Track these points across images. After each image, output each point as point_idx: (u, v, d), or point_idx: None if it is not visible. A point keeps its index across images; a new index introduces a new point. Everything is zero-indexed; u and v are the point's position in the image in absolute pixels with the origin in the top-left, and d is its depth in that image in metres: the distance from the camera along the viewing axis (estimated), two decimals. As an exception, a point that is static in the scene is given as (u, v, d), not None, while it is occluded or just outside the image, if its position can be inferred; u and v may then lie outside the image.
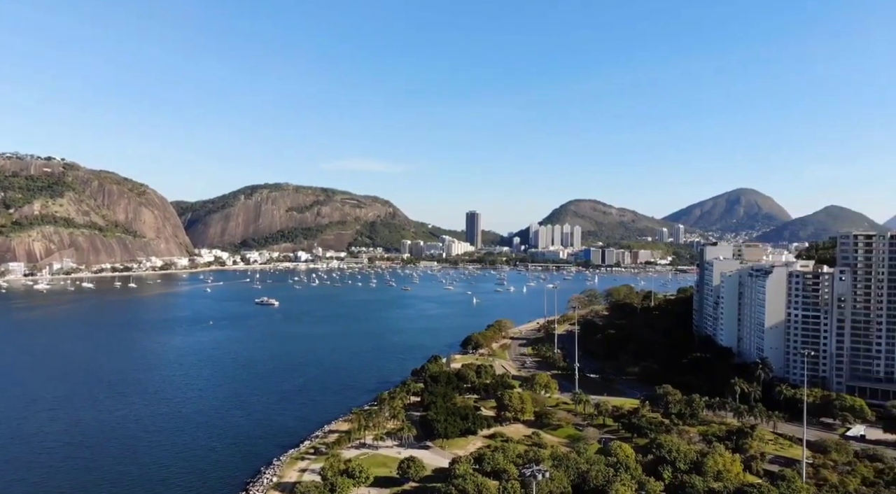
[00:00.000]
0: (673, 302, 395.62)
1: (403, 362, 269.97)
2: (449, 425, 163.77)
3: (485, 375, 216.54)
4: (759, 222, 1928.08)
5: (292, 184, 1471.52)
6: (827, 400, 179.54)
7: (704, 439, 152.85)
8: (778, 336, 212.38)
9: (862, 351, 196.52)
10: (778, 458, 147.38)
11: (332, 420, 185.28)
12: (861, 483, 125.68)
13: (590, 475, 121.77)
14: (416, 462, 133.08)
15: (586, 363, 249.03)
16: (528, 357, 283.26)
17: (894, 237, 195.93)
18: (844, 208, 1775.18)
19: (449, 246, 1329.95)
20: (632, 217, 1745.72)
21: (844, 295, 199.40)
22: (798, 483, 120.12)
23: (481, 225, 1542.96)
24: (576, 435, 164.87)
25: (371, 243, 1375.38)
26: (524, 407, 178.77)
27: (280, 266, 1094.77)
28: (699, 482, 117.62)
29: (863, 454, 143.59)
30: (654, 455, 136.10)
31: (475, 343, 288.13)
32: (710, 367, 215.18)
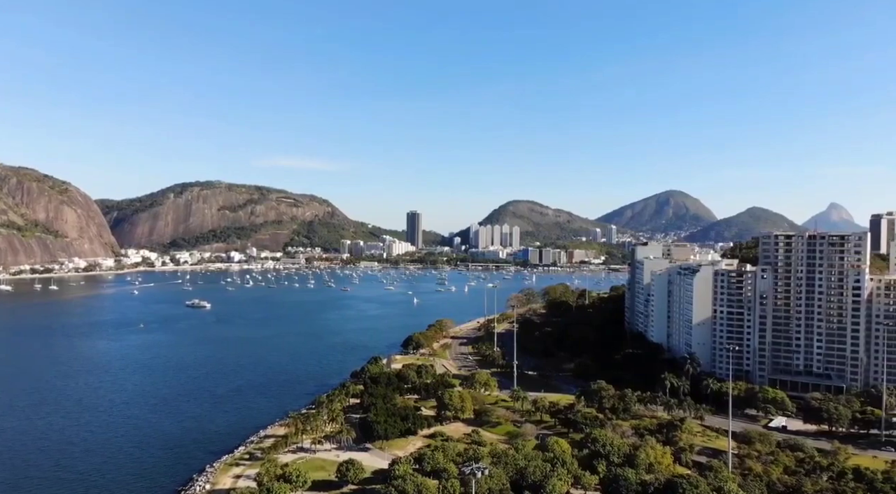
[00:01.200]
0: (606, 300, 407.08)
1: (343, 364, 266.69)
2: (389, 426, 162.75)
3: (426, 375, 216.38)
4: (687, 223, 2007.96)
5: (225, 182, 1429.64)
6: (751, 393, 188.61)
7: (637, 432, 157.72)
8: (705, 332, 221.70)
9: (783, 346, 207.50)
10: (706, 449, 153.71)
11: (268, 425, 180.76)
12: (783, 471, 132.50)
13: (528, 471, 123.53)
14: (355, 464, 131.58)
15: (525, 360, 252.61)
16: (469, 355, 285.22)
17: (812, 237, 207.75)
18: (766, 209, 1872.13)
19: (390, 246, 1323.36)
20: (567, 218, 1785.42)
21: (766, 292, 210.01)
22: (725, 473, 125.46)
23: (422, 225, 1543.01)
24: (514, 432, 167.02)
25: (309, 243, 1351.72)
26: (464, 406, 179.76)
27: (212, 267, 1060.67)
28: (632, 475, 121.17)
29: (784, 444, 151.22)
30: (589, 449, 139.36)
31: (416, 343, 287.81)
32: (642, 363, 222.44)
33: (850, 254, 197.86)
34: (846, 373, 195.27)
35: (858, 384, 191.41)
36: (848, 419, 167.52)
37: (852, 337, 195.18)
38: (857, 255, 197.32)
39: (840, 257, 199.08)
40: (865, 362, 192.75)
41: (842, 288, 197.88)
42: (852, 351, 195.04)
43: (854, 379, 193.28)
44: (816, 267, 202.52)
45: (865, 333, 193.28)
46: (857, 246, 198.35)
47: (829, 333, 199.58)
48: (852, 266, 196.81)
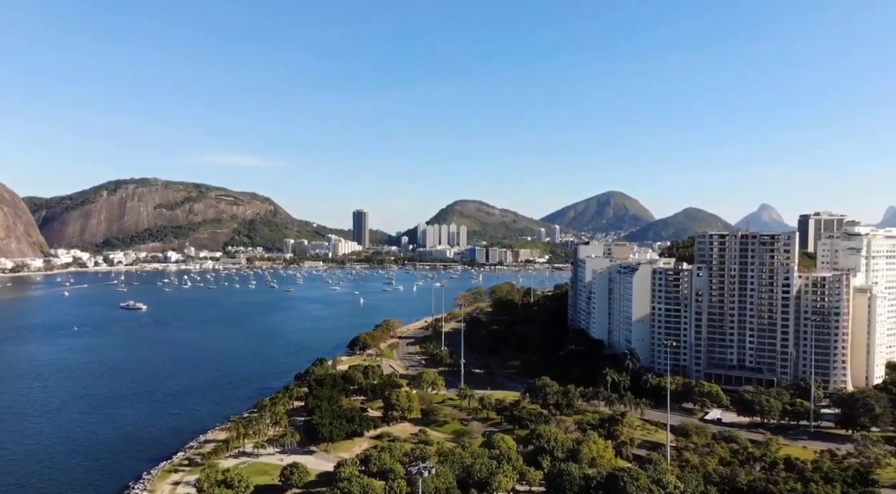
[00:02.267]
0: (550, 298, 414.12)
1: (286, 366, 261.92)
2: (334, 428, 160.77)
3: (372, 376, 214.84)
4: (627, 222, 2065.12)
5: (161, 180, 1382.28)
6: (688, 387, 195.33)
7: (580, 427, 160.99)
8: (644, 328, 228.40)
9: (717, 341, 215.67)
10: (646, 443, 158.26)
11: (208, 430, 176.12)
12: (718, 462, 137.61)
13: (474, 468, 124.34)
14: (299, 467, 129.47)
15: (472, 359, 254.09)
16: (417, 355, 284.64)
17: (744, 237, 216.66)
18: (701, 210, 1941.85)
19: (335, 245, 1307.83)
20: (513, 217, 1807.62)
21: (701, 289, 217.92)
22: (663, 465, 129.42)
23: (369, 224, 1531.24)
24: (461, 430, 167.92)
25: (250, 242, 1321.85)
26: (411, 406, 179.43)
27: (148, 267, 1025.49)
28: (575, 469, 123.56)
29: (720, 436, 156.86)
30: (534, 445, 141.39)
31: (363, 343, 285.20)
32: (584, 359, 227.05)
33: (780, 253, 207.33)
34: (777, 367, 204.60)
35: (788, 377, 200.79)
36: (779, 411, 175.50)
37: (782, 332, 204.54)
38: (786, 254, 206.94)
39: (770, 256, 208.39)
40: (794, 356, 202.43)
41: (772, 286, 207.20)
42: (782, 345, 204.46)
43: (784, 372, 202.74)
44: (748, 266, 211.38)
45: (794, 328, 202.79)
46: (787, 245, 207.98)
47: (760, 328, 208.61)
48: (782, 264, 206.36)
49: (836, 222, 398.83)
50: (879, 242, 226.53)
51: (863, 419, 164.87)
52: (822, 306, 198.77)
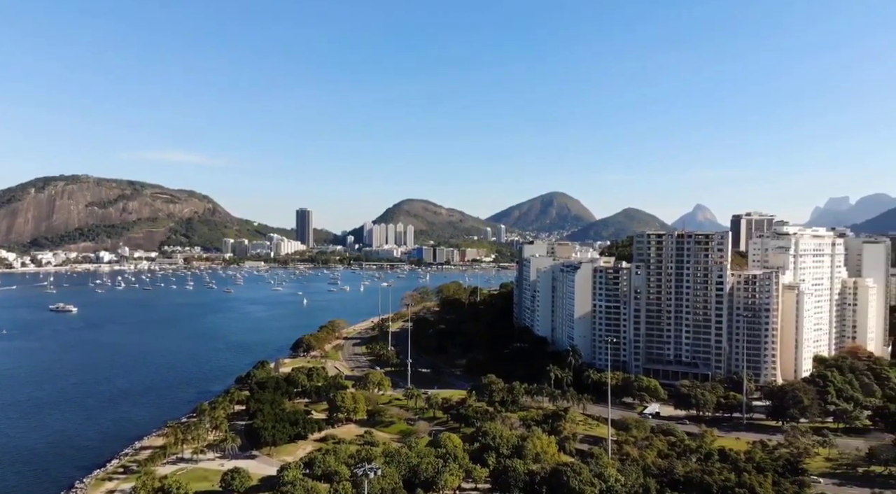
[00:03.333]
0: (496, 296, 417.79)
1: (227, 369, 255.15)
2: (277, 431, 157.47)
3: (316, 378, 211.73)
4: (569, 222, 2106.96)
5: (93, 177, 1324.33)
6: (627, 382, 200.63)
7: (524, 424, 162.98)
8: (586, 325, 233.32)
9: (655, 337, 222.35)
10: (588, 437, 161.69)
11: (144, 436, 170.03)
12: (657, 455, 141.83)
13: (420, 468, 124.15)
14: (240, 472, 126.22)
15: (419, 358, 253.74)
16: (363, 356, 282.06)
17: (680, 236, 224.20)
18: (640, 210, 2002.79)
19: (277, 244, 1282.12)
20: (460, 217, 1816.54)
21: (640, 287, 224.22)
22: (605, 459, 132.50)
23: (313, 223, 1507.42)
24: (408, 430, 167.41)
25: (188, 242, 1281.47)
26: (357, 407, 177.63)
27: (79, 268, 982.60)
28: (520, 465, 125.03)
29: (658, 429, 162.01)
30: (479, 442, 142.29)
31: (307, 345, 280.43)
32: (529, 356, 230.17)
33: (714, 252, 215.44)
34: (711, 362, 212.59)
35: (722, 371, 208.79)
36: (713, 404, 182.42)
37: (716, 328, 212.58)
38: (719, 253, 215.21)
39: (705, 254, 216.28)
40: (728, 351, 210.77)
41: (706, 283, 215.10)
42: (716, 341, 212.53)
43: (718, 366, 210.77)
44: (684, 264, 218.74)
45: (727, 324, 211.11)
46: (720, 244, 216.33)
47: (695, 325, 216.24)
48: (715, 262, 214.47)
49: (766, 222, 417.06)
50: (806, 241, 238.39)
51: (792, 410, 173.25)
52: (754, 303, 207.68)
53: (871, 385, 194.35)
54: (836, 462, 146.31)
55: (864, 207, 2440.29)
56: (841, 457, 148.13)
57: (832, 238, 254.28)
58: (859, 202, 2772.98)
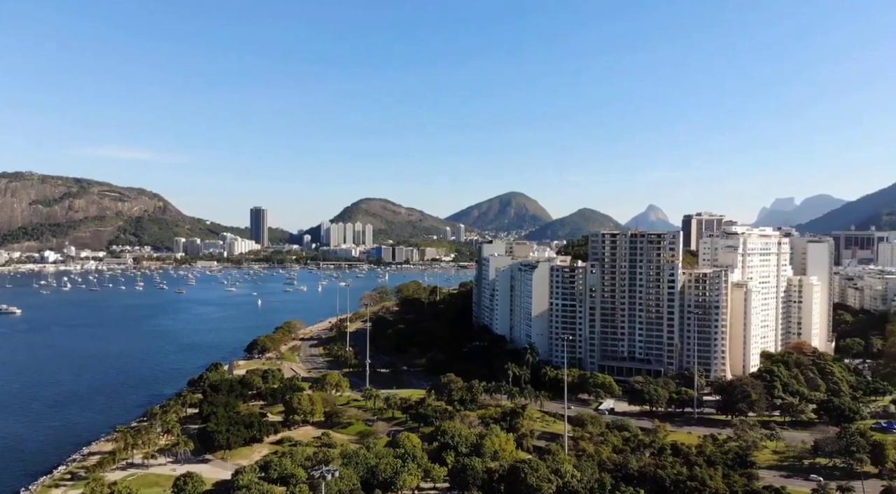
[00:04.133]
0: (456, 295, 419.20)
1: (179, 372, 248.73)
2: (231, 435, 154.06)
3: (272, 380, 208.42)
4: (527, 222, 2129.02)
5: (37, 174, 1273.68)
6: (583, 379, 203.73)
7: (483, 422, 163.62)
8: (543, 323, 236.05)
9: (610, 334, 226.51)
10: (545, 434, 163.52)
11: (93, 441, 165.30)
12: (612, 450, 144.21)
13: (379, 468, 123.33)
14: (193, 477, 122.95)
15: (378, 358, 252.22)
16: (320, 357, 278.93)
17: (633, 236, 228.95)
18: (595, 210, 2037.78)
19: (231, 244, 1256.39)
20: (419, 216, 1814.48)
21: (595, 285, 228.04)
22: (561, 455, 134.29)
23: (269, 221, 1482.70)
24: (366, 431, 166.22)
25: (137, 241, 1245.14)
26: (314, 409, 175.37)
27: (23, 268, 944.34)
28: (478, 463, 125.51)
29: (613, 425, 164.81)
30: (438, 441, 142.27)
31: (262, 346, 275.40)
32: (488, 354, 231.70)
33: (666, 251, 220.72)
34: (664, 358, 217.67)
35: (674, 367, 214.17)
36: (666, 399, 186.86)
37: (668, 325, 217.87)
38: (671, 252, 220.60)
39: (657, 253, 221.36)
40: (679, 347, 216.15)
41: (658, 282, 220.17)
42: (668, 337, 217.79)
43: (670, 362, 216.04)
44: (638, 263, 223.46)
45: (679, 321, 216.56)
46: (672, 243, 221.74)
47: (648, 322, 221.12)
48: (667, 261, 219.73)
49: (715, 222, 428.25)
50: (754, 241, 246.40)
51: (741, 405, 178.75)
52: (704, 300, 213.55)
53: (816, 379, 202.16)
54: (782, 455, 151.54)
55: (809, 208, 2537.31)
56: (787, 450, 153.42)
57: (778, 237, 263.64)
58: (804, 203, 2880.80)
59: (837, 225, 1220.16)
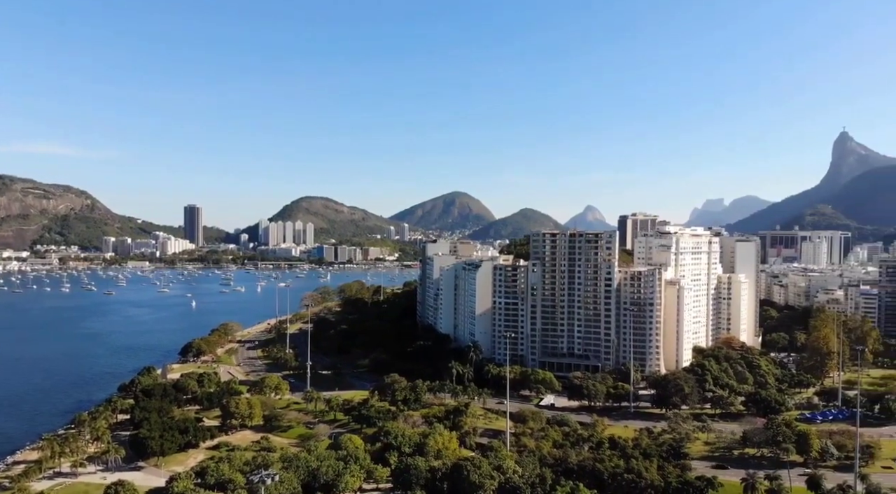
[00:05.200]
0: (400, 295, 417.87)
1: (109, 377, 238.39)
2: (165, 441, 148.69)
3: (208, 383, 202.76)
4: (471, 222, 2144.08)
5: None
6: (525, 376, 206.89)
7: (427, 421, 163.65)
8: (486, 321, 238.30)
9: (550, 331, 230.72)
10: (488, 431, 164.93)
11: (17, 450, 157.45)
12: (552, 445, 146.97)
13: (320, 471, 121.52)
14: (125, 485, 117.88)
15: (319, 360, 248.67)
16: (259, 359, 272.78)
17: (572, 235, 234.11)
18: (536, 210, 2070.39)
19: (164, 243, 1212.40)
20: (362, 215, 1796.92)
21: (536, 284, 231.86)
22: (503, 452, 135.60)
23: (203, 220, 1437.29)
24: (307, 434, 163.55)
25: (63, 241, 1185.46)
26: (252, 413, 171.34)
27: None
28: (422, 462, 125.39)
29: (553, 420, 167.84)
30: (381, 442, 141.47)
31: (197, 349, 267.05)
32: (432, 353, 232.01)
33: (603, 250, 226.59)
34: (601, 354, 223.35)
35: (611, 363, 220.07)
36: (603, 394, 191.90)
37: (605, 321, 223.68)
38: (608, 251, 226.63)
39: (595, 252, 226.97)
40: (616, 343, 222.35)
41: (596, 280, 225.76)
42: (605, 334, 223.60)
43: (608, 358, 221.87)
44: (576, 262, 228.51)
45: (616, 318, 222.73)
46: (608, 243, 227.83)
47: (587, 319, 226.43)
48: (604, 260, 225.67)
49: (650, 222, 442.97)
50: (686, 240, 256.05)
51: (674, 398, 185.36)
52: (639, 298, 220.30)
53: (744, 372, 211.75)
54: (713, 446, 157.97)
55: (737, 208, 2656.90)
56: (718, 441, 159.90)
57: (709, 237, 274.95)
58: (732, 203, 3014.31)
59: (763, 225, 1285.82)
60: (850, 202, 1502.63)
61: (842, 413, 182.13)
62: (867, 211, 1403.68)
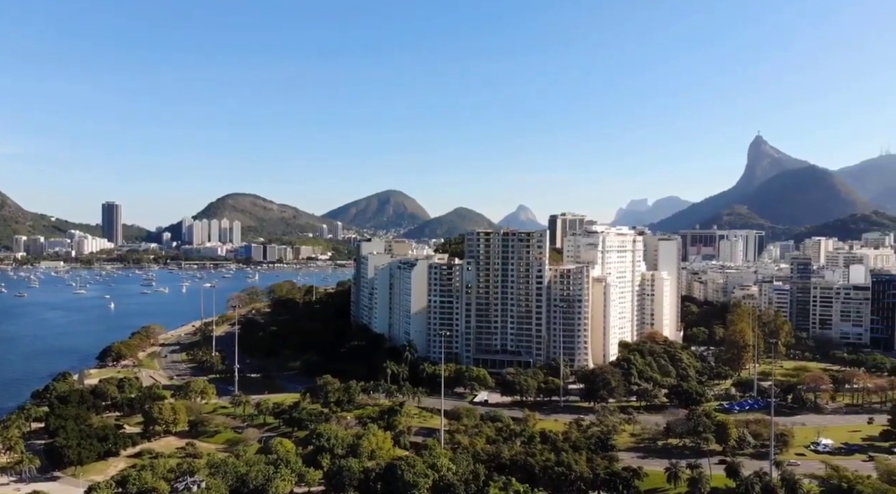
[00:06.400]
0: (333, 295, 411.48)
1: (20, 383, 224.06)
2: (83, 449, 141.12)
3: (129, 388, 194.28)
4: (406, 220, 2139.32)
5: None
6: (459, 373, 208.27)
7: (360, 422, 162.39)
8: (422, 320, 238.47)
9: (484, 329, 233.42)
10: (423, 429, 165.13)
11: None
12: (486, 441, 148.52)
13: (249, 476, 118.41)
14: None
15: (248, 363, 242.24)
16: (183, 363, 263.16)
17: (506, 234, 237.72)
18: (470, 210, 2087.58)
19: (80, 242, 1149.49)
20: (293, 213, 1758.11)
21: (470, 282, 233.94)
22: (438, 450, 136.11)
23: (123, 218, 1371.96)
24: (235, 439, 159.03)
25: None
26: (177, 418, 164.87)
27: None
28: (355, 464, 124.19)
29: (486, 416, 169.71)
30: (313, 445, 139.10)
31: (117, 353, 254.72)
32: (366, 353, 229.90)
33: (534, 249, 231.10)
34: (532, 350, 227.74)
35: (542, 358, 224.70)
36: (535, 389, 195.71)
37: (536, 318, 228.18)
38: (539, 249, 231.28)
39: (527, 251, 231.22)
40: (547, 339, 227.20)
41: (528, 277, 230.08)
42: (537, 330, 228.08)
43: (539, 354, 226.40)
44: (509, 260, 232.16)
45: (546, 315, 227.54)
46: (540, 241, 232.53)
47: (519, 316, 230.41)
48: (536, 258, 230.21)
49: (578, 222, 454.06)
50: (612, 239, 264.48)
51: (602, 392, 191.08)
52: (568, 294, 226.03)
53: (667, 366, 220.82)
54: (639, 437, 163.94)
55: (660, 208, 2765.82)
56: (643, 432, 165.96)
57: (633, 236, 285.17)
58: (655, 204, 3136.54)
59: (684, 224, 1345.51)
60: (764, 202, 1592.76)
61: (757, 403, 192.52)
62: (779, 211, 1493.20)
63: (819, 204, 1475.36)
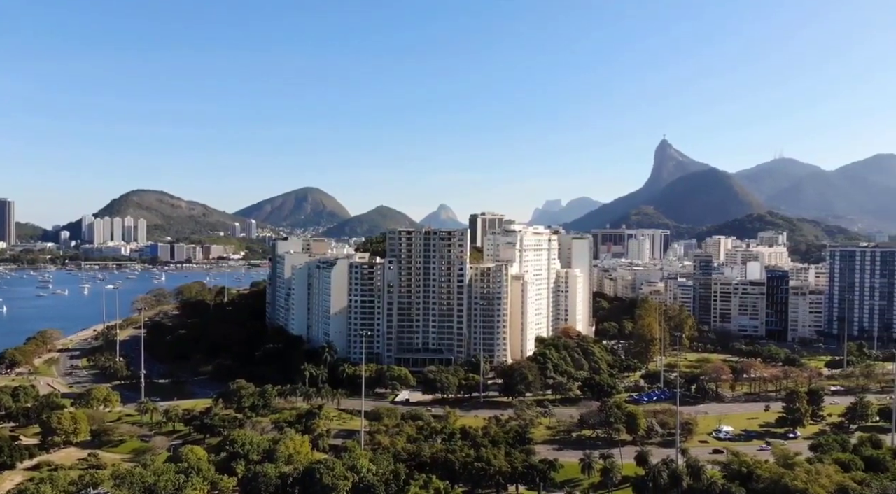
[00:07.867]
0: (247, 296, 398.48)
1: None
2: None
3: (24, 397, 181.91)
4: (325, 219, 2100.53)
5: None
6: (380, 373, 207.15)
7: (277, 426, 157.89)
8: (342, 320, 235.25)
9: (406, 328, 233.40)
10: (342, 431, 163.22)
11: None
12: (407, 440, 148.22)
13: (158, 486, 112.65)
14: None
15: (155, 368, 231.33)
16: (84, 369, 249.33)
17: (428, 233, 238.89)
18: (391, 208, 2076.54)
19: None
20: (202, 211, 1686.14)
21: (392, 281, 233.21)
22: (358, 451, 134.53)
23: (16, 216, 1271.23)
24: (142, 448, 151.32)
25: None
26: (77, 428, 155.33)
27: None
28: (271, 469, 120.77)
29: (407, 415, 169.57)
30: (227, 451, 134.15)
31: (10, 360, 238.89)
32: (283, 356, 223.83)
33: (456, 247, 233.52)
34: (454, 347, 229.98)
35: (463, 355, 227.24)
36: (456, 386, 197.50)
37: (458, 316, 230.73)
38: (460, 248, 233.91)
39: (448, 250, 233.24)
40: (467, 336, 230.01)
41: (449, 276, 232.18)
42: (458, 328, 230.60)
43: (460, 351, 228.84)
44: (431, 259, 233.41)
45: (467, 312, 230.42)
46: (461, 240, 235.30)
47: (441, 314, 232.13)
48: (457, 257, 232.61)
49: (497, 221, 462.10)
50: (529, 238, 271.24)
51: (519, 386, 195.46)
52: (488, 292, 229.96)
53: (581, 359, 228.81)
54: (555, 430, 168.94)
55: (573, 208, 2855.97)
56: (559, 425, 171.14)
57: (549, 235, 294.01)
58: (569, 204, 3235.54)
59: (595, 223, 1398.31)
60: (669, 203, 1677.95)
61: (664, 393, 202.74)
62: (683, 211, 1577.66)
63: (719, 204, 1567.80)
